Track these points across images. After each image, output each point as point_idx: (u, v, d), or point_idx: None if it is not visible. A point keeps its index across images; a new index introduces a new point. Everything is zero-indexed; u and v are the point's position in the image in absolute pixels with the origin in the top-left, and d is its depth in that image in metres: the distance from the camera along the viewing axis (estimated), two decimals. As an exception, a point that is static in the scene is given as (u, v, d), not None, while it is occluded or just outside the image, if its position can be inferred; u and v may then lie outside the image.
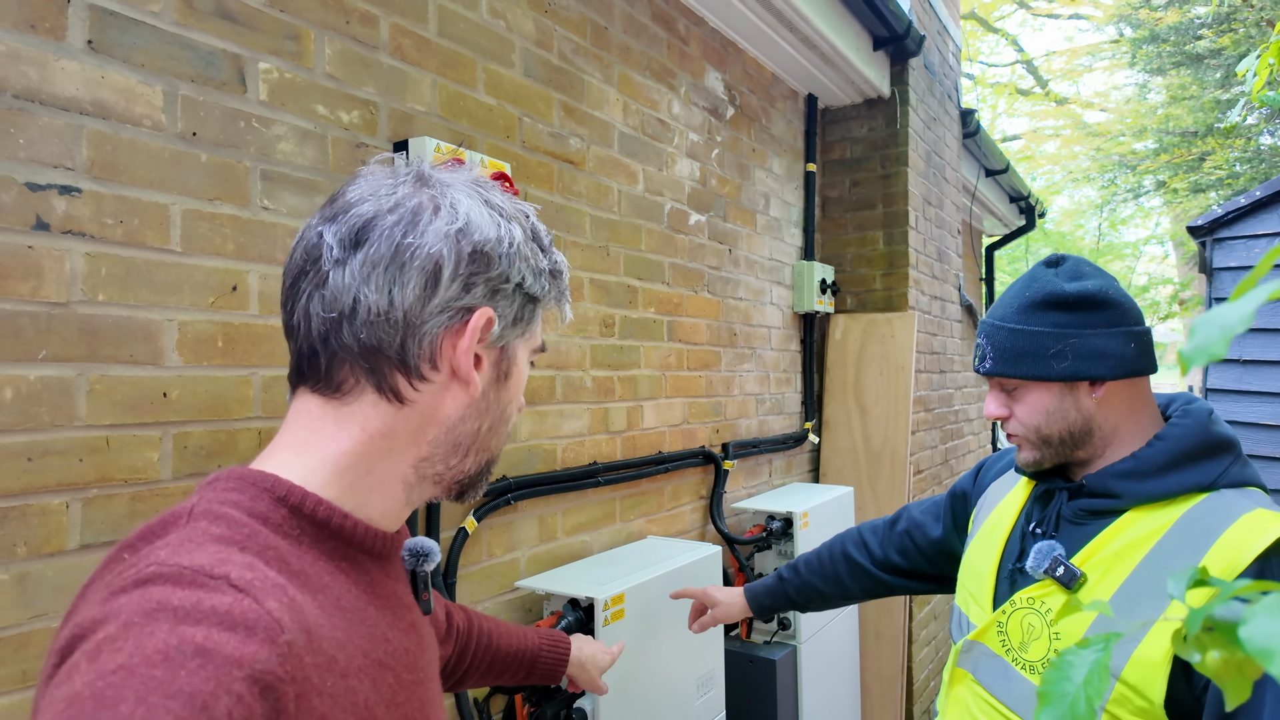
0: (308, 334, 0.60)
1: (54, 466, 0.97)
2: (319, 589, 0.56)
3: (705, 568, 1.89)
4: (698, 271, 2.37)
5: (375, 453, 0.61)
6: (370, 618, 0.60)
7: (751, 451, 2.63)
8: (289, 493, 0.58)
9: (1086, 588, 0.99)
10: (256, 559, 0.52)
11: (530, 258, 0.65)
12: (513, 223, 0.64)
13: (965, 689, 1.13)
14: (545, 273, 0.67)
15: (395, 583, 0.66)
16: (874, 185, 3.17)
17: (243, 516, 0.55)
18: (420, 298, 0.59)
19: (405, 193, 0.61)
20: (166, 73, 1.09)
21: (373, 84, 1.38)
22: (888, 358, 3.07)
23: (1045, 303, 1.05)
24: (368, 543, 0.62)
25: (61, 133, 0.98)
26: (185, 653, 0.43)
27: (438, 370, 0.61)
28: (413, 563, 0.71)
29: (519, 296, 0.65)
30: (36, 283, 0.96)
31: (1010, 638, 1.06)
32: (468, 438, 0.65)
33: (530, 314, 0.67)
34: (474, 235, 0.61)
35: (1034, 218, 5.70)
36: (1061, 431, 1.06)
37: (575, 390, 1.86)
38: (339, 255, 0.59)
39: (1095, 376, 1.03)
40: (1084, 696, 0.40)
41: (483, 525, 1.61)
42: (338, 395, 0.61)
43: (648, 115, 2.15)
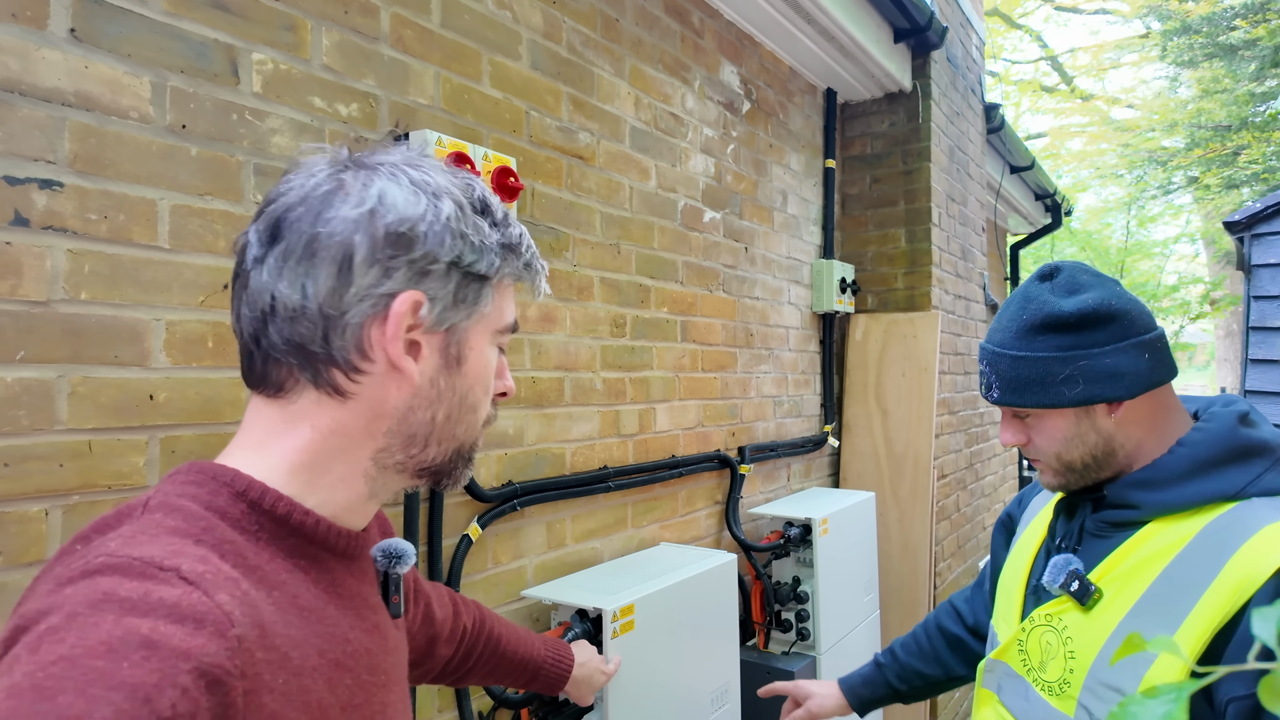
0: (242, 336, 0.60)
1: (33, 472, 0.93)
2: (275, 585, 0.55)
3: (719, 577, 1.82)
4: (713, 270, 2.30)
5: (331, 449, 0.60)
6: (329, 617, 0.58)
7: (769, 455, 2.56)
8: (248, 488, 0.57)
9: (1102, 604, 0.93)
10: (211, 552, 0.52)
11: (469, 233, 0.61)
12: (442, 198, 0.60)
13: (991, 710, 1.07)
14: (494, 248, 0.63)
15: (361, 583, 0.64)
16: (895, 182, 3.09)
17: (200, 510, 0.54)
18: (333, 289, 0.57)
19: (319, 179, 0.59)
20: (155, 63, 1.05)
21: (373, 76, 1.34)
22: (910, 359, 2.98)
23: (1045, 325, 0.98)
24: (330, 540, 0.60)
25: (43, 125, 0.94)
26: (130, 644, 0.42)
27: (371, 361, 0.59)
28: (385, 564, 0.69)
29: (456, 276, 0.61)
30: (15, 281, 0.92)
31: (1030, 656, 1.00)
32: (423, 427, 0.62)
33: (478, 294, 0.63)
34: (388, 216, 0.58)
35: (1060, 215, 5.57)
36: (1083, 456, 1.00)
37: (585, 392, 1.80)
38: (257, 253, 0.58)
39: (1112, 398, 0.96)
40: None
41: (488, 532, 1.56)
42: (281, 395, 0.60)
43: (660, 110, 2.10)
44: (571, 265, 1.77)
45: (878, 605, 2.73)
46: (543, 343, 1.69)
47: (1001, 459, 4.18)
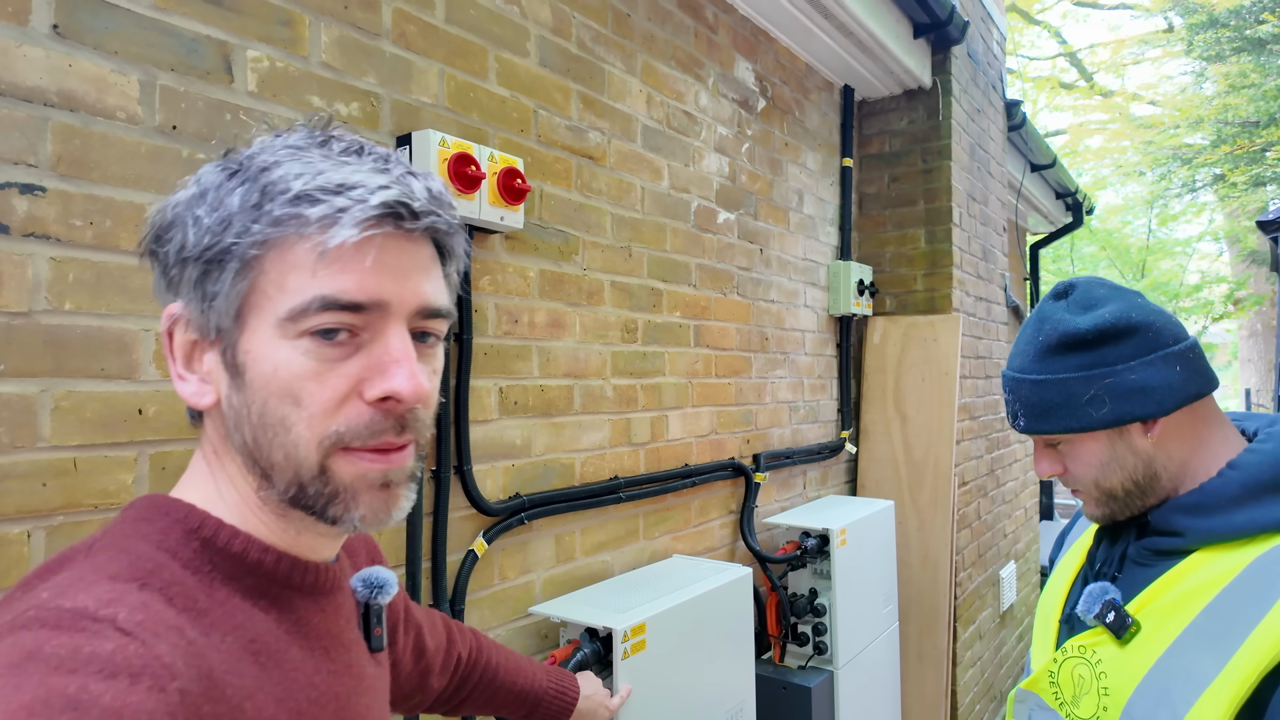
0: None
1: (14, 491, 0.88)
2: (230, 630, 0.50)
3: (734, 592, 1.76)
4: (727, 273, 2.24)
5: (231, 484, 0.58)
6: (292, 661, 0.54)
7: (785, 463, 2.49)
8: (202, 524, 0.53)
9: (1140, 638, 0.86)
10: (156, 597, 0.48)
11: (202, 212, 0.50)
12: (201, 178, 0.53)
13: None
14: (233, 213, 0.49)
15: (334, 619, 0.60)
16: (915, 180, 3.01)
17: (149, 550, 0.50)
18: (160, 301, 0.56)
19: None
20: (144, 60, 1.00)
21: (374, 74, 1.29)
22: (930, 362, 2.90)
23: (1062, 344, 0.92)
24: (293, 578, 0.56)
25: (23, 126, 0.90)
26: (54, 707, 0.38)
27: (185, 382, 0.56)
28: (365, 594, 0.65)
29: (191, 269, 0.51)
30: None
31: (1062, 690, 0.93)
32: (245, 454, 0.53)
33: (219, 276, 0.50)
34: (154, 222, 0.54)
35: (1081, 214, 5.46)
36: (1124, 481, 0.93)
37: (595, 400, 1.74)
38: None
39: (1144, 415, 0.89)
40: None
41: (494, 547, 1.51)
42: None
43: (673, 107, 2.03)
44: (581, 269, 1.71)
45: (897, 617, 2.66)
46: (551, 349, 1.63)
47: (1024, 464, 4.08)
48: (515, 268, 1.55)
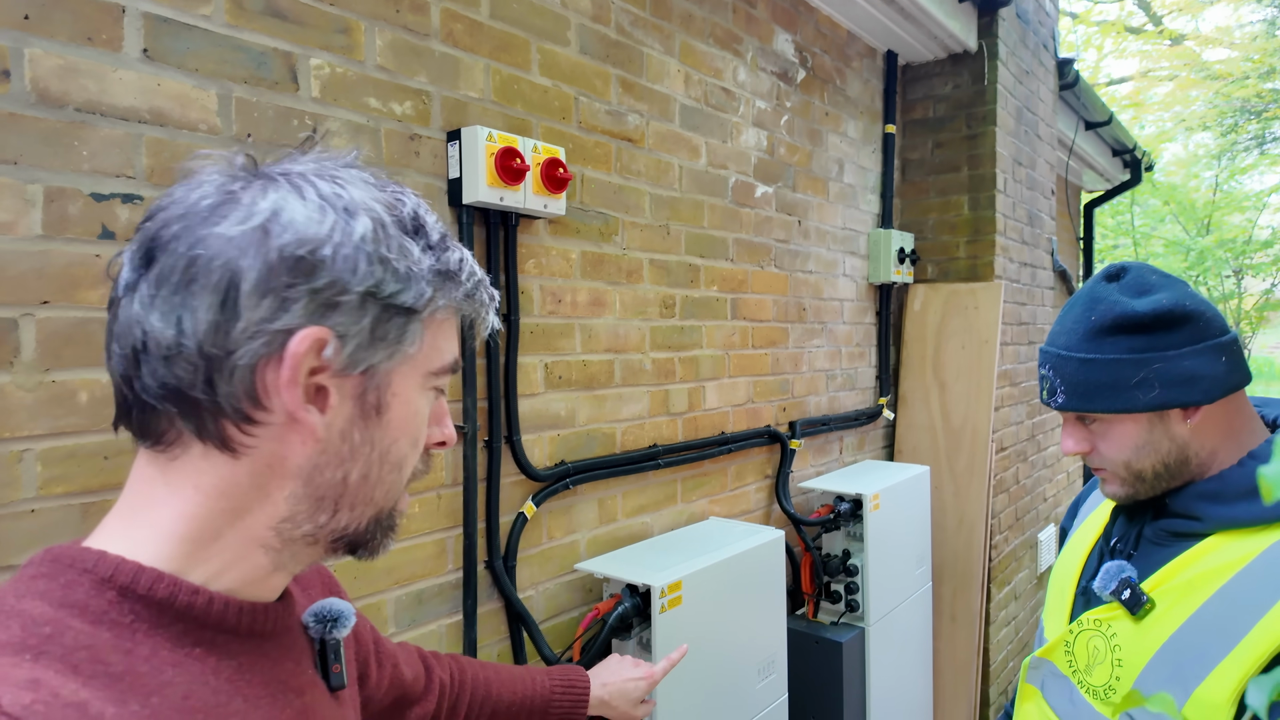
0: (115, 379, 0.50)
1: (128, 465, 1.02)
2: (154, 690, 0.45)
3: (767, 553, 1.86)
4: (764, 246, 2.29)
5: (217, 515, 0.50)
6: (235, 713, 0.49)
7: (821, 429, 2.56)
8: (116, 570, 0.47)
9: (1153, 616, 0.91)
10: (53, 668, 0.42)
11: (392, 258, 0.51)
12: (357, 214, 0.50)
13: (1034, 706, 1.08)
14: (424, 275, 0.53)
15: (278, 662, 0.55)
16: (958, 146, 2.98)
17: (48, 610, 0.45)
18: (215, 323, 0.47)
19: (205, 191, 0.49)
20: (220, 76, 1.10)
21: (425, 73, 1.37)
22: (971, 330, 2.91)
23: (1116, 326, 0.94)
24: (229, 621, 0.50)
25: (121, 142, 1.01)
26: None
27: (268, 410, 0.49)
28: (319, 630, 0.61)
29: (374, 308, 0.50)
30: (105, 290, 1.00)
31: (1076, 659, 1.00)
32: (332, 489, 0.52)
33: (402, 330, 0.52)
34: (283, 236, 0.48)
35: (1139, 171, 5.26)
36: (1155, 464, 0.96)
37: (634, 373, 1.84)
38: (129, 278, 0.49)
39: (1189, 403, 0.92)
40: None
41: (542, 509, 1.63)
42: (161, 448, 0.50)
43: (711, 85, 2.07)
44: (621, 249, 1.79)
45: (929, 578, 2.73)
46: (593, 326, 1.72)
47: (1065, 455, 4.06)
48: (558, 251, 1.64)
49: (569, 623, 1.69)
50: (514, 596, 1.52)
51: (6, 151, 0.91)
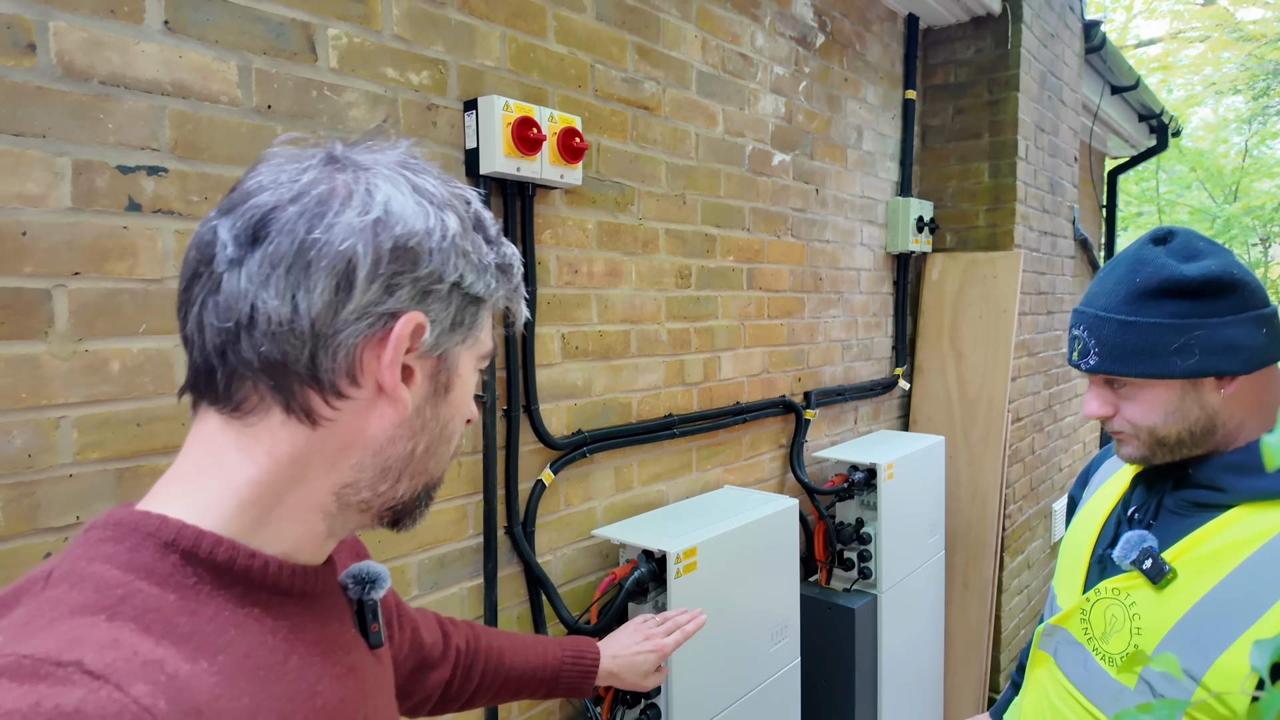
0: (203, 346, 0.51)
1: (159, 432, 1.05)
2: (220, 649, 0.47)
3: (780, 521, 1.88)
4: (781, 215, 2.28)
5: (285, 480, 0.53)
6: (292, 670, 0.52)
7: (836, 399, 2.57)
8: (179, 535, 0.49)
9: (1175, 585, 0.92)
10: (128, 628, 0.44)
11: (471, 252, 0.56)
12: (446, 211, 0.55)
13: (1045, 672, 1.09)
14: (491, 269, 0.58)
15: (327, 623, 0.58)
16: (980, 112, 2.93)
17: (116, 573, 0.46)
18: (330, 303, 0.50)
19: (312, 178, 0.52)
20: (240, 47, 1.11)
21: (441, 42, 1.37)
22: (989, 300, 2.89)
23: (1162, 289, 0.92)
24: (283, 582, 0.53)
25: (146, 115, 1.02)
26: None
27: (359, 386, 0.52)
28: (358, 591, 0.64)
29: (457, 297, 0.55)
30: (133, 261, 1.02)
31: (1093, 626, 1.00)
32: (399, 461, 0.56)
33: (474, 317, 0.58)
34: (395, 227, 0.52)
35: (1166, 137, 5.15)
36: (1181, 432, 0.95)
37: (650, 344, 1.85)
38: (234, 255, 0.50)
39: (1227, 372, 0.91)
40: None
41: (560, 477, 1.65)
42: (239, 415, 0.52)
43: (729, 51, 2.04)
44: (637, 219, 1.79)
45: (943, 547, 2.75)
46: (609, 297, 1.73)
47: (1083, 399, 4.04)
48: (574, 221, 1.64)
49: (586, 587, 1.73)
50: (533, 561, 1.56)
51: (35, 125, 0.92)
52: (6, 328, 0.91)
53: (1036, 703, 1.09)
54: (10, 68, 0.90)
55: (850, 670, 2.25)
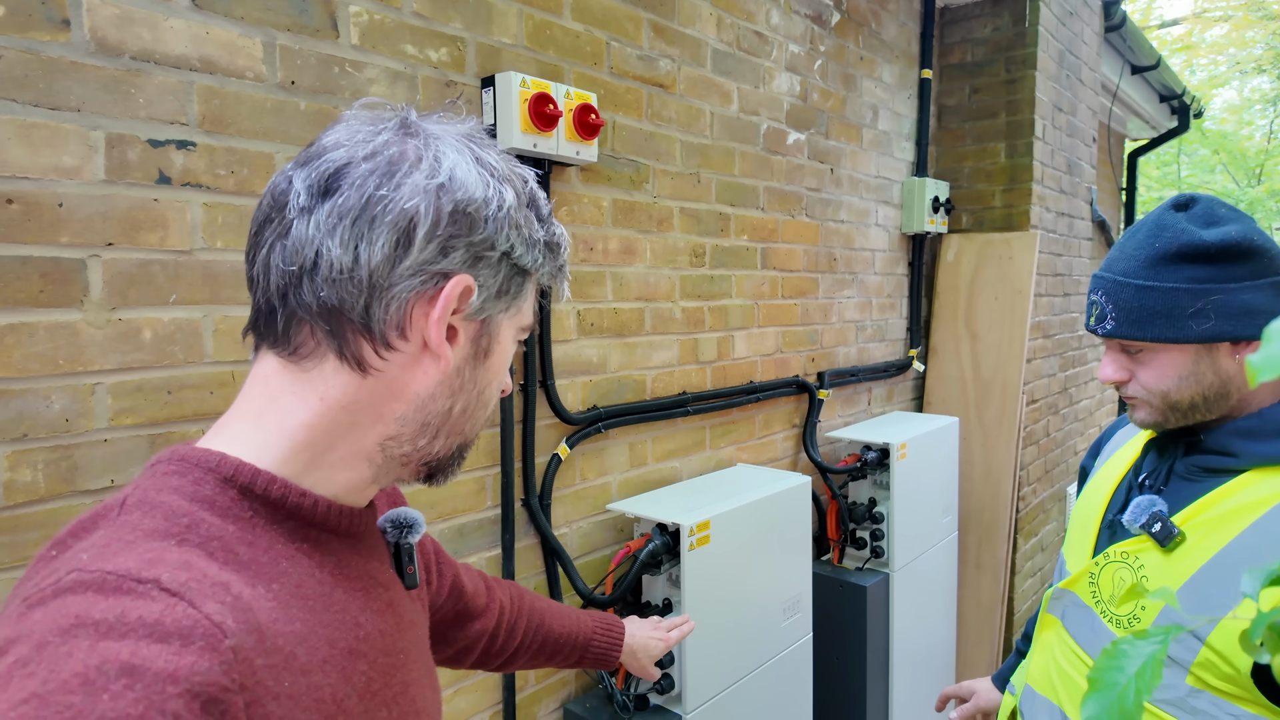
0: (266, 288, 0.55)
1: (189, 399, 1.09)
2: (274, 577, 0.51)
3: (793, 498, 1.90)
4: (795, 194, 2.28)
5: (336, 426, 0.56)
6: (337, 602, 0.55)
7: (849, 380, 2.58)
8: (237, 472, 0.52)
9: (1183, 548, 0.93)
10: (196, 553, 0.48)
11: (523, 226, 0.59)
12: (505, 185, 0.58)
13: (1053, 635, 1.11)
14: (540, 244, 0.61)
15: (368, 560, 0.61)
16: (997, 91, 2.91)
17: (183, 503, 0.50)
18: (389, 257, 0.53)
19: (385, 140, 0.55)
20: (264, 24, 1.13)
21: (460, 19, 1.38)
22: (1004, 281, 2.88)
23: (1181, 254, 0.93)
24: (331, 521, 0.57)
25: (175, 90, 1.05)
26: (108, 673, 0.38)
27: (407, 340, 0.55)
28: (395, 535, 0.67)
29: (505, 267, 0.58)
30: (163, 233, 1.05)
31: (1101, 590, 1.02)
32: (438, 417, 0.59)
33: (519, 288, 0.61)
34: (457, 193, 0.55)
35: (1188, 118, 5.07)
36: (1194, 396, 0.96)
37: (664, 322, 1.87)
38: (305, 203, 0.53)
39: (1243, 337, 0.92)
40: (1134, 689, 0.39)
41: (575, 451, 1.68)
42: (295, 358, 0.55)
43: (744, 29, 2.05)
44: (652, 197, 1.80)
45: (955, 527, 2.76)
46: (623, 274, 1.75)
47: (1100, 383, 4.02)
48: (590, 198, 1.66)
49: (601, 560, 1.76)
50: (549, 533, 1.59)
51: (70, 99, 0.95)
52: (45, 295, 0.95)
53: (1043, 665, 1.11)
54: (46, 43, 0.93)
55: (862, 648, 2.27)
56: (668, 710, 1.61)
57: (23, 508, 0.95)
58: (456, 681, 1.47)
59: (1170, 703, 0.90)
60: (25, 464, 0.94)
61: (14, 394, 0.93)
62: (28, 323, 0.94)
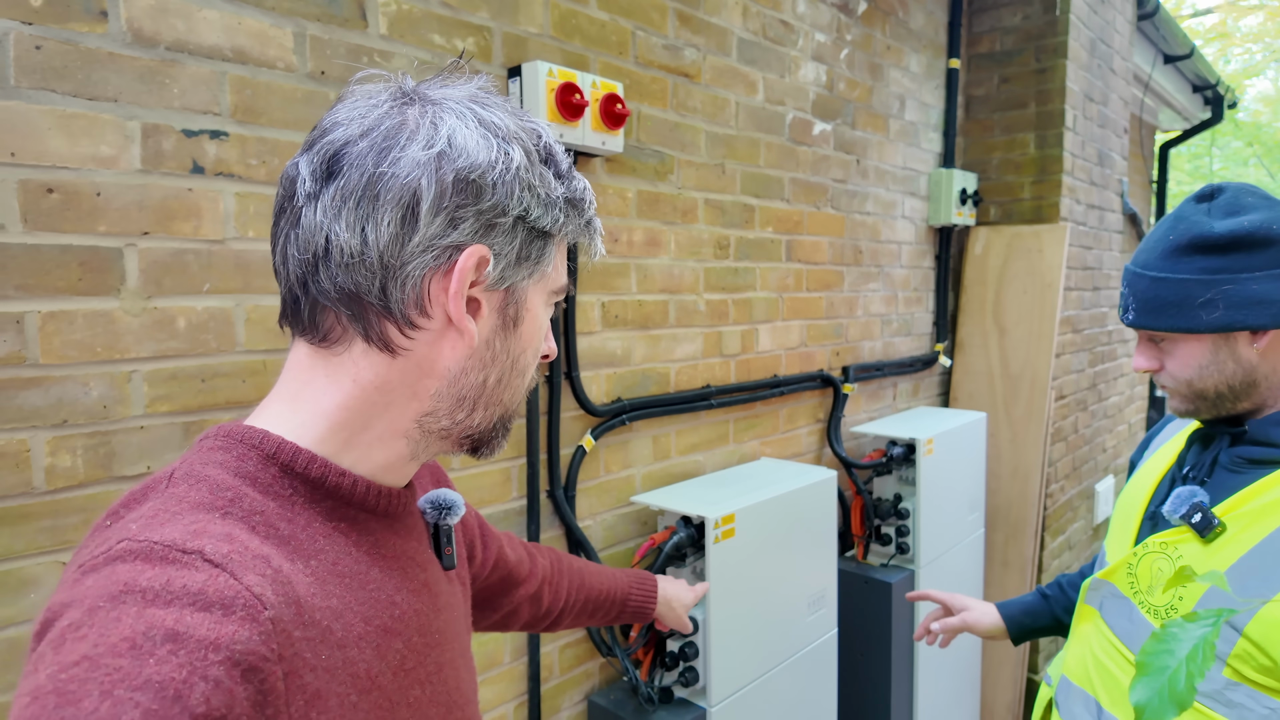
0: (288, 278, 0.55)
1: (222, 387, 1.10)
2: (313, 554, 0.52)
3: (819, 492, 1.89)
4: (821, 186, 2.26)
5: (371, 406, 0.56)
6: (373, 581, 0.56)
7: (874, 374, 2.55)
8: (279, 450, 0.53)
9: (1222, 539, 0.92)
10: (239, 526, 0.49)
11: (537, 185, 0.56)
12: (512, 144, 0.55)
13: (1090, 626, 1.10)
14: (559, 203, 0.58)
15: (405, 540, 0.61)
16: (1026, 81, 2.86)
17: (228, 478, 0.51)
18: (396, 236, 0.52)
19: (382, 113, 0.53)
20: (295, 14, 1.14)
21: (486, 8, 1.38)
22: (1033, 274, 2.84)
23: (1191, 246, 0.95)
24: (369, 501, 0.57)
25: (208, 80, 1.05)
26: (154, 639, 0.40)
27: (429, 317, 0.54)
28: (434, 516, 0.67)
29: (522, 231, 0.56)
30: (197, 222, 1.06)
31: (1139, 580, 1.01)
32: (473, 390, 0.58)
33: (540, 251, 0.58)
34: (458, 160, 0.52)
35: (1221, 109, 4.96)
36: (1218, 385, 0.97)
37: (688, 314, 1.86)
38: (311, 189, 0.52)
39: (1254, 326, 0.92)
40: (1185, 673, 0.38)
41: (600, 443, 1.68)
42: (325, 344, 0.55)
43: (770, 17, 2.03)
44: (676, 188, 1.79)
45: (982, 524, 2.73)
46: (648, 266, 1.74)
47: (1129, 379, 3.95)
48: (615, 189, 1.65)
49: (625, 552, 1.76)
50: (574, 524, 1.59)
51: (108, 89, 0.96)
52: (84, 284, 0.96)
53: (1080, 657, 1.10)
54: (85, 34, 0.94)
55: (886, 644, 2.25)
56: (692, 703, 1.60)
57: (63, 492, 0.96)
58: (481, 672, 1.48)
59: (1207, 695, 0.89)
60: (65, 449, 0.96)
61: (54, 380, 0.95)
62: (67, 310, 0.95)
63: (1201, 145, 10.20)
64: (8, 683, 0.93)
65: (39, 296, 0.93)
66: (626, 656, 1.61)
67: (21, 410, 0.93)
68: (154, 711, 0.37)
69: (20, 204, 0.91)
